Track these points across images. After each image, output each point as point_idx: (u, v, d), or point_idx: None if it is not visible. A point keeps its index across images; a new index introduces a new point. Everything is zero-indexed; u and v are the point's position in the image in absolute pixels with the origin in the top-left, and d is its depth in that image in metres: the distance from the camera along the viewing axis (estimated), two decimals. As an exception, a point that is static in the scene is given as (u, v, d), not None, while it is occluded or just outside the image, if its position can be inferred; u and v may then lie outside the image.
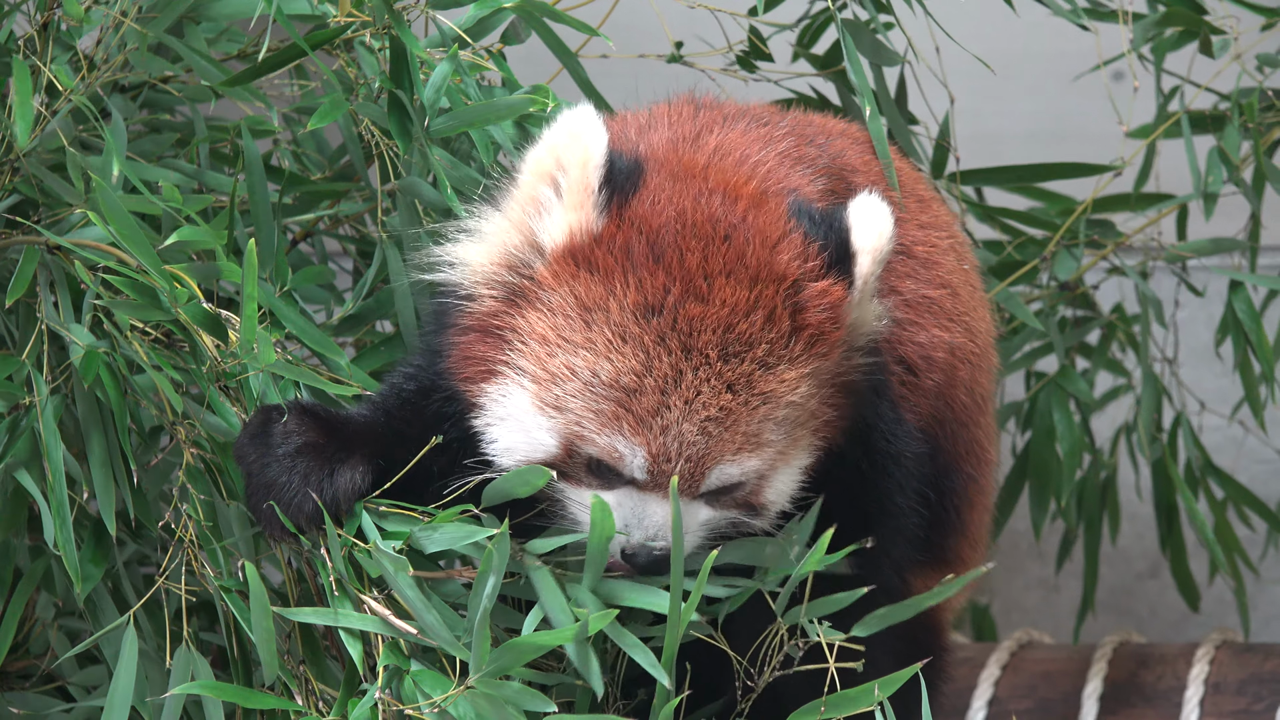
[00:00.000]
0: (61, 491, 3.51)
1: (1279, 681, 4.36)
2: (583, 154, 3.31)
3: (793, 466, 3.37)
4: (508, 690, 3.30)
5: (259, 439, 3.41)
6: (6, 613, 3.68)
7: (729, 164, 3.48)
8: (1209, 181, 4.29)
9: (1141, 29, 4.17)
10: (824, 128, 3.69)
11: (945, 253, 3.67)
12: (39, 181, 3.65)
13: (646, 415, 3.29)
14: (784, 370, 3.31)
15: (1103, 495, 4.55)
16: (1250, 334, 4.37)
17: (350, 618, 3.39)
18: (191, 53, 3.67)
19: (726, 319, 3.29)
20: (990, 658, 4.48)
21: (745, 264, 3.30)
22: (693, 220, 3.32)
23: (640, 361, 3.30)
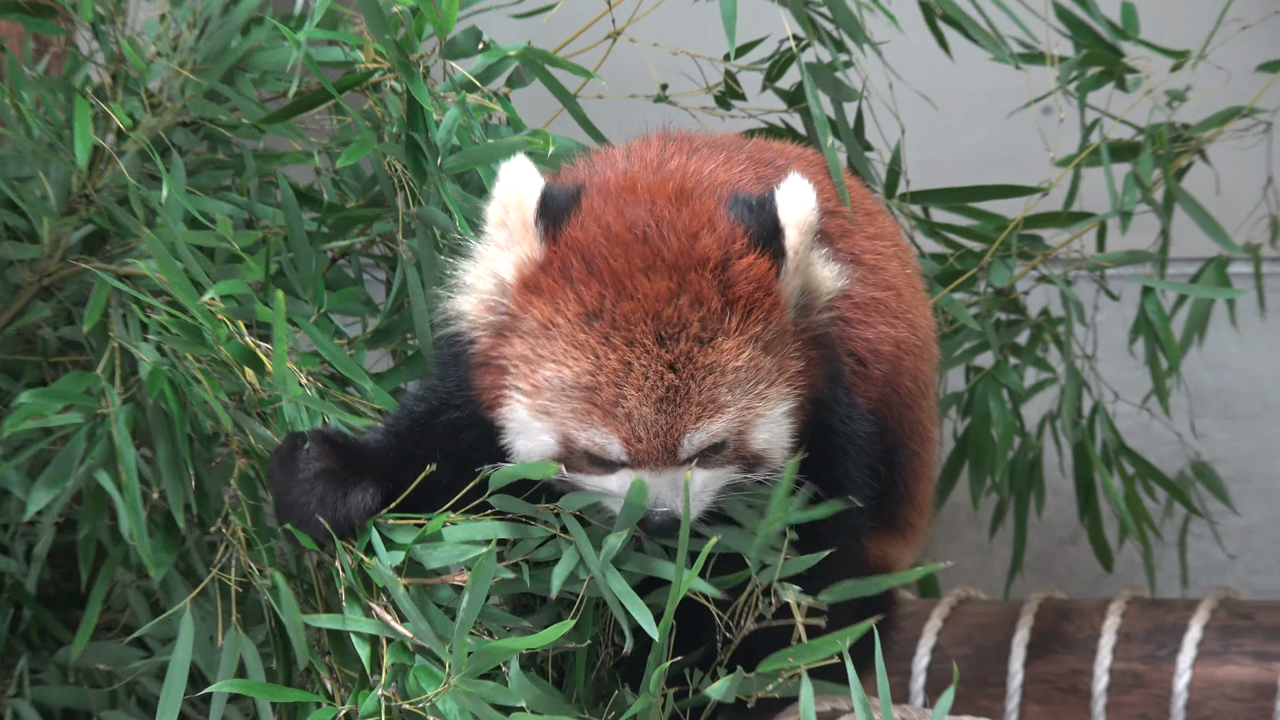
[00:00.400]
0: (134, 490, 3.52)
1: (1180, 631, 4.32)
2: (517, 196, 3.31)
3: (771, 416, 3.33)
4: (483, 688, 3.28)
5: (286, 463, 3.41)
6: (93, 590, 3.68)
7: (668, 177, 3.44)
8: (1125, 202, 4.26)
9: (1066, 69, 4.16)
10: (781, 152, 3.67)
11: (890, 259, 3.64)
12: (110, 214, 3.66)
13: (609, 406, 3.28)
14: (721, 342, 3.28)
15: (1030, 472, 4.52)
16: (1159, 334, 4.39)
17: (358, 622, 3.38)
18: (240, 97, 3.62)
19: (654, 309, 3.26)
20: (933, 611, 4.47)
21: (663, 257, 3.26)
22: (615, 230, 3.29)
23: (593, 362, 3.28)
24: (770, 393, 3.32)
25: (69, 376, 3.56)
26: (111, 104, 3.62)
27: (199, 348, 3.44)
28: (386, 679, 3.35)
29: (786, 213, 3.32)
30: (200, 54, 3.65)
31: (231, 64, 3.63)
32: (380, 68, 3.61)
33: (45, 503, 3.54)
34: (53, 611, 3.96)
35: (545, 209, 3.32)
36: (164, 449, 3.53)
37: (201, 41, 3.64)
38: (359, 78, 3.59)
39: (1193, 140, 4.30)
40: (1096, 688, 4.32)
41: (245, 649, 3.46)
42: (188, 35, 3.65)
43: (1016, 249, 4.33)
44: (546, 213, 3.32)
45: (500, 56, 3.60)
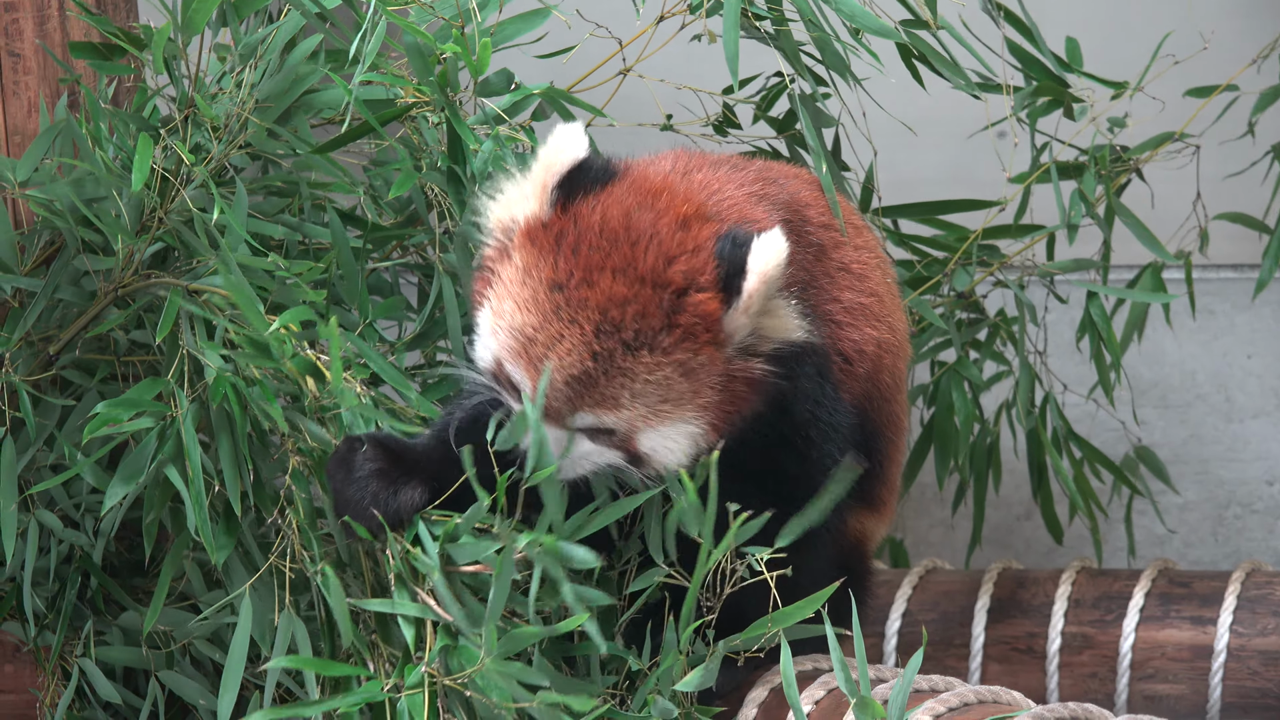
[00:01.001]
0: (199, 485, 3.56)
1: (1125, 598, 4.38)
2: (550, 160, 3.40)
3: (664, 431, 3.40)
4: (513, 668, 3.36)
5: (343, 464, 3.50)
6: (163, 569, 3.73)
7: (693, 190, 3.49)
8: (1071, 215, 4.33)
9: (1019, 98, 4.20)
10: (783, 172, 3.73)
11: (874, 269, 3.75)
12: (178, 234, 3.71)
13: (535, 360, 3.37)
14: (645, 355, 3.35)
15: (989, 455, 4.59)
16: (1102, 332, 4.44)
17: (405, 606, 3.44)
18: (294, 137, 3.71)
19: (604, 305, 3.34)
20: (904, 580, 4.52)
21: (635, 267, 3.35)
22: (614, 225, 3.38)
23: (540, 321, 3.38)
24: (673, 412, 3.39)
25: (140, 385, 3.61)
26: (178, 142, 3.66)
27: (266, 361, 3.51)
28: (430, 656, 3.42)
29: (755, 259, 3.34)
30: (261, 93, 3.67)
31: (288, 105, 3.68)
32: (419, 101, 3.71)
33: (120, 497, 3.59)
34: (116, 580, 3.99)
35: (570, 180, 3.40)
36: (225, 446, 3.58)
37: (263, 81, 3.68)
38: (401, 110, 3.71)
39: (1131, 161, 4.40)
40: (1050, 649, 4.38)
41: (297, 629, 3.57)
42: (250, 74, 3.69)
43: (976, 257, 4.43)
44: (569, 183, 3.40)
45: (525, 94, 3.70)
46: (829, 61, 3.83)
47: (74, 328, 3.80)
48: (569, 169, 3.41)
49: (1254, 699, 4.29)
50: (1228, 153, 4.57)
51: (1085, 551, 5.06)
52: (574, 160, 3.41)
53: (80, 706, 3.99)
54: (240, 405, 3.56)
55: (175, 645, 3.93)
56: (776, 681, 3.65)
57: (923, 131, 4.39)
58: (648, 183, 3.45)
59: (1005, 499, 5.11)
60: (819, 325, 3.59)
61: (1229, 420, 5.09)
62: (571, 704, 3.34)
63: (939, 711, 3.42)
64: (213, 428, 3.61)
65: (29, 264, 3.85)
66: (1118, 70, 4.39)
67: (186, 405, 3.58)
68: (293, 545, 3.60)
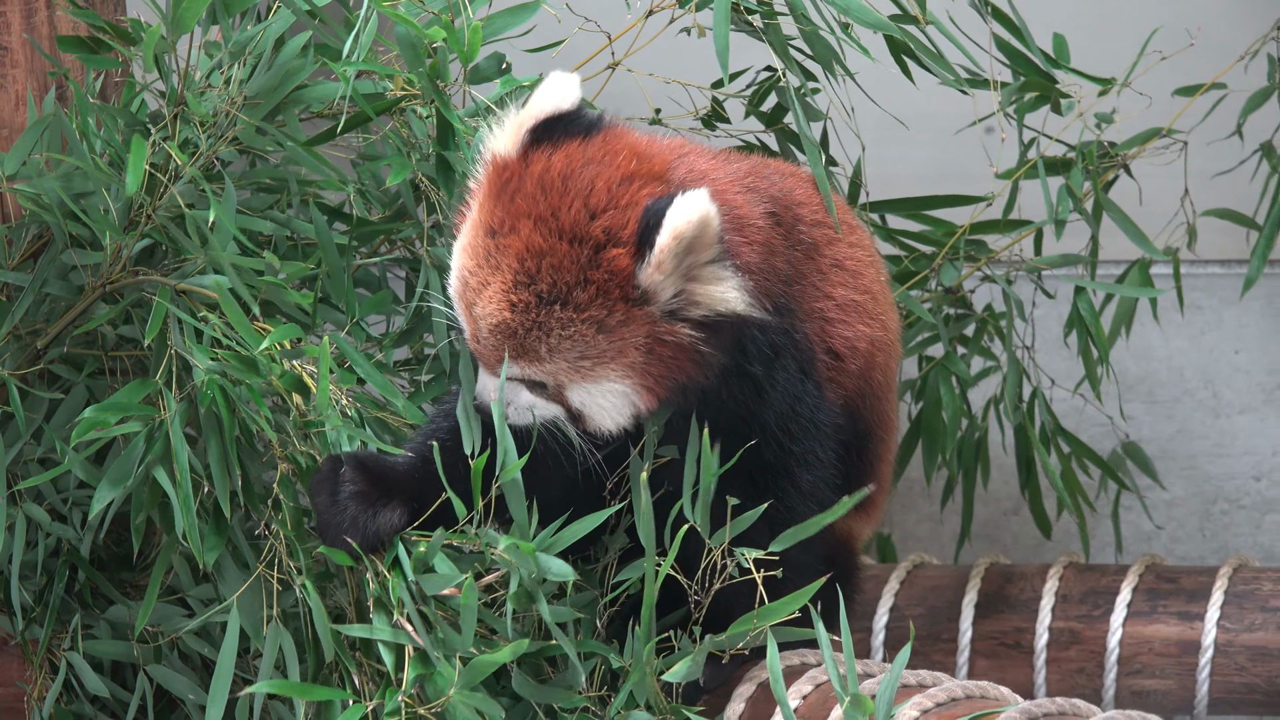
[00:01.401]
0: (187, 487, 3.56)
1: (1112, 593, 4.38)
2: (533, 102, 3.42)
3: (595, 390, 3.39)
4: (474, 698, 3.39)
5: (325, 483, 3.53)
6: (153, 572, 3.73)
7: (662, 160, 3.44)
8: (1059, 211, 4.33)
9: (1007, 94, 4.19)
10: (777, 168, 3.72)
11: (868, 266, 3.75)
12: (166, 230, 3.72)
13: (469, 305, 3.42)
14: (557, 309, 3.35)
15: (977, 450, 4.61)
16: (1090, 328, 4.44)
17: (382, 631, 3.46)
18: (281, 133, 3.71)
19: (523, 253, 3.35)
20: (891, 575, 4.52)
21: (559, 219, 3.35)
22: (553, 176, 3.37)
23: (474, 266, 3.41)
24: (596, 370, 3.38)
25: (128, 387, 3.60)
26: (170, 143, 3.65)
27: (253, 376, 3.52)
28: (408, 684, 3.43)
29: (671, 215, 3.32)
30: (251, 89, 3.67)
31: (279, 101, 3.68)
32: (409, 94, 3.70)
33: (109, 499, 3.60)
34: (104, 574, 3.98)
35: (548, 126, 3.40)
36: (214, 448, 3.58)
37: (253, 78, 3.68)
38: (391, 102, 3.70)
39: (1118, 157, 4.39)
40: (1038, 644, 4.38)
41: (284, 641, 3.58)
42: (239, 70, 3.68)
43: (964, 252, 4.43)
44: (540, 130, 3.40)
45: (516, 86, 3.69)
46: (818, 55, 3.84)
47: (61, 322, 3.79)
48: (548, 114, 3.40)
49: (1241, 694, 4.30)
50: (1215, 149, 4.58)
51: (1073, 546, 5.08)
52: (555, 107, 3.40)
53: (68, 700, 3.98)
54: (229, 408, 3.57)
55: (164, 640, 3.93)
56: (764, 676, 3.65)
57: (911, 127, 4.40)
58: (618, 143, 3.43)
59: (993, 494, 5.12)
60: (808, 321, 3.58)
61: (1216, 416, 5.10)
62: (556, 699, 3.40)
63: (926, 706, 3.42)
64: (201, 427, 3.61)
65: (16, 258, 3.86)
66: (1105, 66, 4.39)
67: (175, 407, 3.59)
68: (280, 555, 3.62)
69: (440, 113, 3.63)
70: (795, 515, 3.54)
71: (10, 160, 3.78)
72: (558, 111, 3.40)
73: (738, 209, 3.47)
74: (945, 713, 3.41)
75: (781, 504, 3.55)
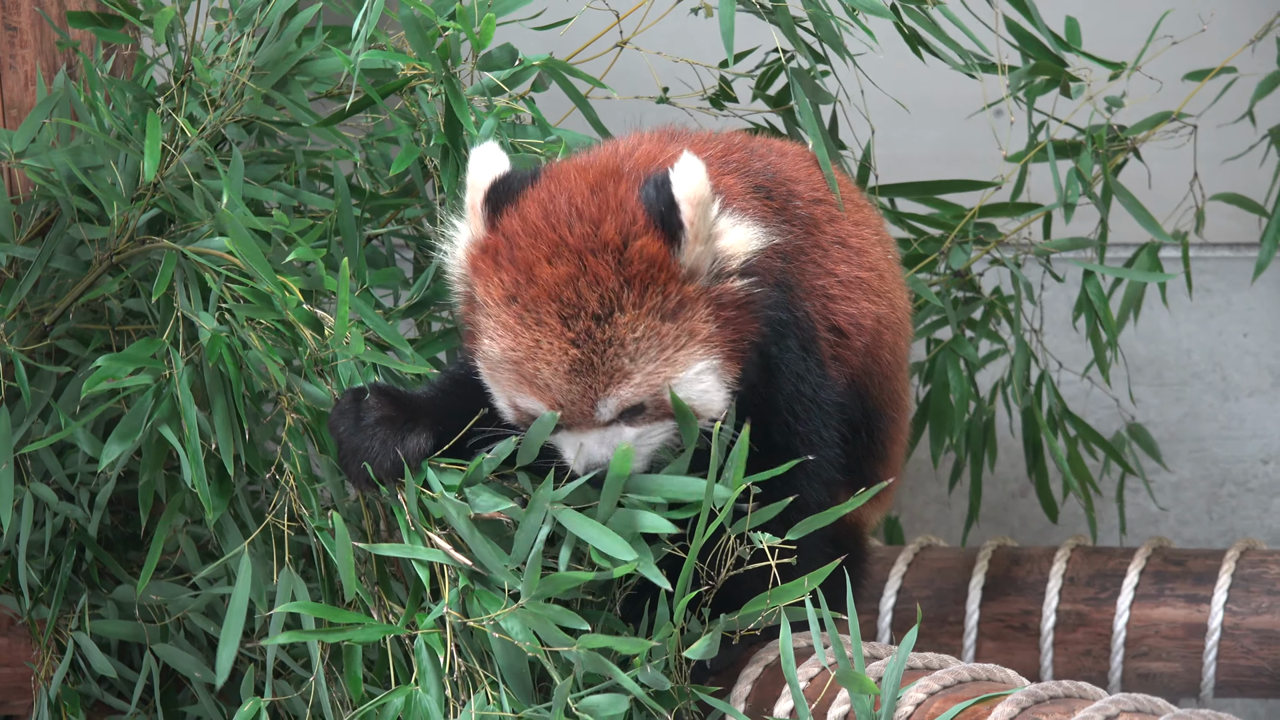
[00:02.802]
0: (195, 442, 3.58)
1: (1119, 576, 4.39)
2: (473, 180, 3.43)
3: (685, 378, 3.38)
4: (552, 611, 3.37)
5: (348, 414, 3.50)
6: (155, 534, 3.74)
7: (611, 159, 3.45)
8: (1068, 194, 4.34)
9: (1016, 78, 4.20)
10: (775, 148, 3.71)
11: (874, 245, 3.74)
12: (174, 200, 3.74)
13: (531, 377, 3.37)
14: (618, 317, 3.33)
15: (984, 433, 4.60)
16: (1099, 311, 4.45)
17: (419, 551, 3.46)
18: (292, 104, 3.72)
19: (556, 292, 3.34)
20: (899, 557, 4.53)
21: (567, 244, 3.34)
22: (531, 220, 3.38)
23: (513, 340, 3.38)
24: (679, 357, 3.37)
25: (139, 343, 3.61)
26: (179, 115, 3.65)
27: (268, 314, 3.52)
28: (451, 597, 3.42)
29: (680, 189, 3.33)
30: (259, 60, 3.68)
31: (286, 71, 3.69)
32: (417, 74, 3.70)
33: (117, 455, 3.59)
34: (111, 553, 4.00)
35: (494, 195, 3.40)
36: (220, 406, 3.60)
37: (261, 49, 3.67)
38: (401, 82, 3.71)
39: (1128, 140, 4.40)
40: (1045, 626, 4.38)
41: (297, 587, 3.58)
42: (247, 42, 3.69)
43: (973, 235, 4.44)
44: (493, 198, 3.40)
45: (526, 66, 3.72)
46: (823, 36, 3.84)
47: (69, 297, 3.81)
48: (491, 184, 3.42)
49: (1248, 677, 4.31)
50: (1225, 133, 4.58)
51: (1079, 529, 5.09)
52: (495, 176, 3.42)
53: (75, 680, 4.00)
54: (236, 365, 3.56)
55: (169, 619, 3.93)
56: (770, 659, 3.65)
57: (920, 110, 4.42)
58: (560, 172, 3.45)
59: (1000, 477, 5.12)
60: (808, 299, 3.58)
61: (1225, 398, 5.12)
62: (618, 646, 3.34)
63: (933, 689, 3.42)
64: (207, 389, 3.62)
65: (24, 234, 3.87)
66: (1115, 50, 4.39)
67: (181, 366, 3.60)
68: (290, 504, 3.60)
69: (450, 103, 3.65)
70: (801, 496, 3.53)
71: (19, 137, 3.80)
72: (498, 178, 3.42)
73: (712, 183, 3.47)
74: (952, 695, 3.40)
75: (788, 485, 3.53)
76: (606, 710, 3.37)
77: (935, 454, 4.56)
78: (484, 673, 3.45)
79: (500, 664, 3.43)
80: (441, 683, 3.44)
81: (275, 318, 3.53)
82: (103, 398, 3.72)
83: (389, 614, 3.55)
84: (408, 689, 3.44)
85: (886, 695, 3.35)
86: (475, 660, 3.45)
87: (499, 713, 3.41)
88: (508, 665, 3.43)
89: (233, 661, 3.57)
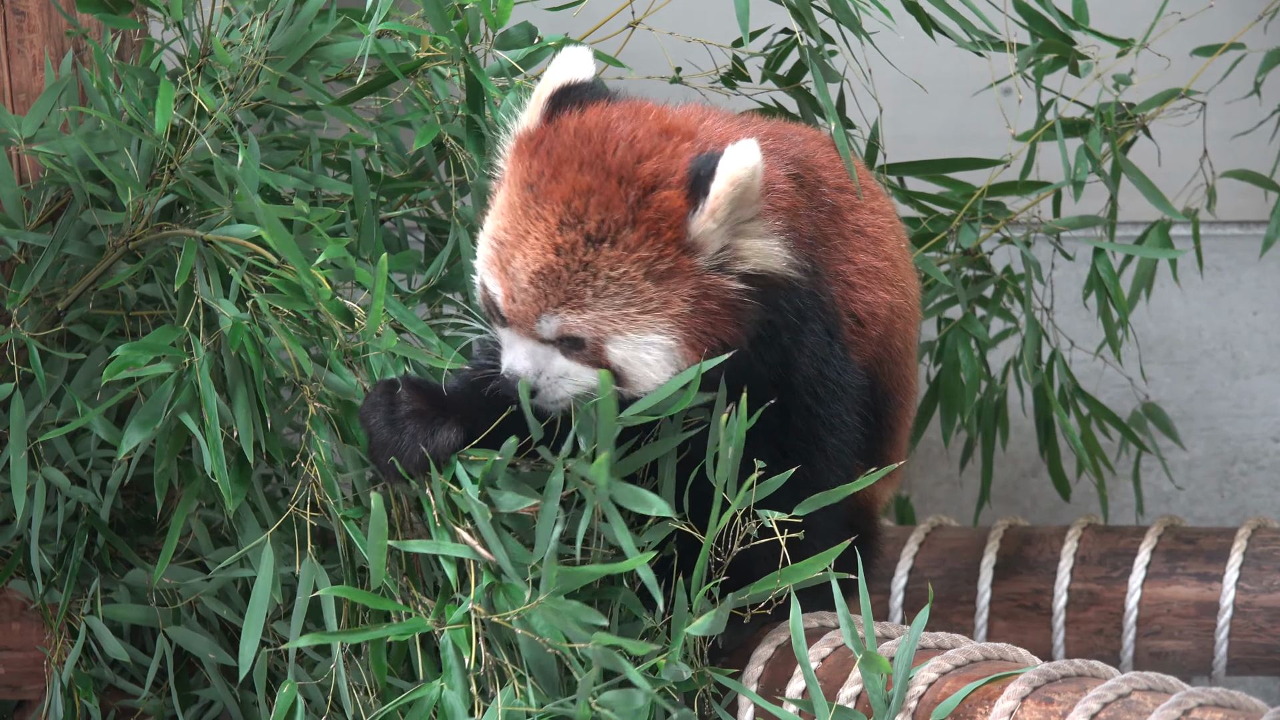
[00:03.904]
0: (216, 430, 3.58)
1: (1131, 555, 4.40)
2: (550, 75, 3.44)
3: (634, 340, 3.36)
4: (570, 606, 3.37)
5: (379, 406, 3.51)
6: (172, 520, 3.75)
7: (690, 120, 3.45)
8: (1077, 172, 4.34)
9: (1024, 56, 4.21)
10: (799, 132, 3.73)
11: (889, 233, 3.77)
12: (191, 185, 3.73)
13: (505, 263, 3.38)
14: (607, 248, 3.32)
15: (995, 412, 4.61)
16: (1109, 289, 4.46)
17: (447, 546, 3.47)
18: (309, 86, 3.72)
19: (567, 196, 3.33)
20: (910, 537, 4.54)
21: (604, 161, 3.33)
22: (590, 127, 3.38)
23: (509, 221, 3.38)
24: (642, 319, 3.35)
25: (158, 331, 3.62)
26: (199, 89, 3.66)
27: (299, 304, 3.54)
28: (477, 594, 3.43)
29: (725, 164, 3.32)
30: (274, 44, 3.68)
31: (302, 55, 3.68)
32: (434, 54, 3.72)
33: (137, 442, 3.59)
34: (124, 538, 4.00)
35: (562, 94, 3.41)
36: (241, 394, 3.60)
37: (275, 33, 3.68)
38: (416, 63, 3.72)
39: (1137, 118, 4.40)
40: (1056, 606, 4.40)
41: (319, 577, 3.59)
42: (260, 26, 3.69)
43: (982, 214, 4.44)
44: (560, 97, 3.41)
45: (541, 46, 3.72)
46: (839, 15, 3.84)
47: (82, 283, 3.81)
48: (564, 85, 3.41)
49: (1260, 655, 4.32)
50: (1234, 110, 4.60)
51: (1091, 508, 5.08)
52: (571, 78, 3.41)
53: (87, 664, 4.00)
54: (258, 353, 3.57)
55: (182, 603, 3.94)
56: (782, 639, 3.67)
57: (928, 89, 4.41)
58: (643, 106, 3.45)
59: (1012, 456, 5.12)
60: (833, 284, 3.60)
61: (1235, 376, 5.12)
62: (629, 647, 3.34)
63: (945, 668, 3.42)
64: (227, 378, 3.62)
65: (35, 219, 3.87)
66: (1123, 27, 4.40)
67: (203, 354, 3.60)
68: (312, 494, 3.61)
69: (471, 73, 3.66)
70: (820, 479, 3.56)
71: (28, 122, 3.81)
72: (575, 82, 3.42)
73: (764, 173, 3.47)
74: (964, 674, 3.41)
75: (807, 467, 3.55)
76: (626, 705, 3.38)
77: (946, 434, 4.57)
78: (511, 667, 3.47)
79: (526, 658, 3.45)
80: (467, 679, 3.45)
81: (306, 308, 3.54)
82: (118, 385, 3.73)
83: (418, 605, 3.56)
84: (434, 686, 3.46)
85: (899, 674, 3.35)
86: (504, 654, 3.48)
87: (526, 707, 3.42)
88: (533, 659, 3.44)
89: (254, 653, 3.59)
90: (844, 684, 3.46)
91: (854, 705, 3.42)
